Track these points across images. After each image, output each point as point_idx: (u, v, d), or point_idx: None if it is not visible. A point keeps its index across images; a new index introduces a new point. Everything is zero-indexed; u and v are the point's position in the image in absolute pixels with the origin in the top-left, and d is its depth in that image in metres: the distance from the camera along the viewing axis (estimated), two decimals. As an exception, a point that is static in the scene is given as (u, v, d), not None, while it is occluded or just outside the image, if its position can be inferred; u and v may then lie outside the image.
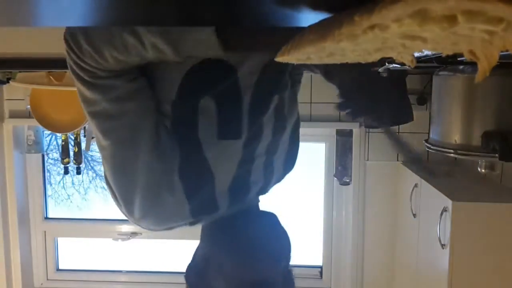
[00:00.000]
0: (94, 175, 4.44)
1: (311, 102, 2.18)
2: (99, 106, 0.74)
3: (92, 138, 2.13)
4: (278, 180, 0.91)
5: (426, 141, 1.68)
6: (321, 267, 2.43)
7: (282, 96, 0.79)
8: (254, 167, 0.78)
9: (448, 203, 1.45)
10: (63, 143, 2.19)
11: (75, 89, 2.02)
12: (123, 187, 0.76)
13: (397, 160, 2.17)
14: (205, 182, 0.74)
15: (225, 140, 0.72)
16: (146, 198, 0.74)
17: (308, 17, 0.46)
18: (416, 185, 1.82)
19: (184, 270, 0.86)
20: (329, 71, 0.80)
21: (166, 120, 0.75)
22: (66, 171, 2.27)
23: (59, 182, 3.98)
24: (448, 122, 1.53)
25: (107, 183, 0.80)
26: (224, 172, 0.74)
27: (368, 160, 2.19)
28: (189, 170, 0.73)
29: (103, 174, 0.83)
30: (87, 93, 0.75)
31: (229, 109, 0.72)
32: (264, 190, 0.86)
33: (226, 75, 0.71)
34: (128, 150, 0.73)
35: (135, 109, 0.72)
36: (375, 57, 0.45)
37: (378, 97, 0.81)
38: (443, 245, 1.48)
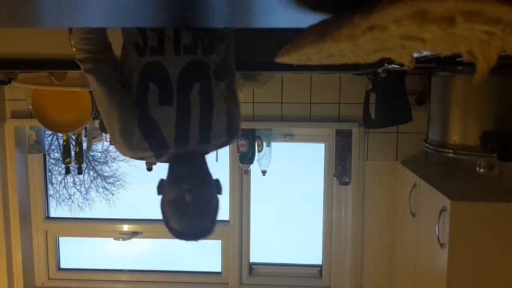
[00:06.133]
0: (96, 175, 4.45)
1: (310, 103, 2.18)
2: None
3: (94, 138, 2.14)
4: (223, 141, 1.22)
5: (425, 141, 1.68)
6: (320, 266, 2.44)
7: (204, 84, 1.16)
8: (190, 125, 1.16)
9: (447, 202, 1.45)
10: (64, 143, 2.20)
11: (76, 89, 2.03)
12: (110, 120, 1.17)
13: (396, 160, 2.18)
14: (154, 130, 1.15)
15: (163, 106, 1.14)
16: (122, 129, 1.15)
17: (308, 18, 0.46)
18: (415, 185, 1.82)
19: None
20: None
21: (130, 91, 1.16)
22: (68, 171, 2.27)
23: (61, 182, 3.99)
24: (446, 122, 1.54)
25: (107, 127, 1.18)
26: (167, 125, 1.15)
27: (367, 160, 2.20)
28: (143, 123, 1.14)
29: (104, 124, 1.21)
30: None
31: (165, 89, 1.15)
32: (204, 141, 1.19)
33: (164, 72, 1.15)
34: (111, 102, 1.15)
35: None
36: (374, 57, 0.44)
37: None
38: (441, 245, 1.48)
